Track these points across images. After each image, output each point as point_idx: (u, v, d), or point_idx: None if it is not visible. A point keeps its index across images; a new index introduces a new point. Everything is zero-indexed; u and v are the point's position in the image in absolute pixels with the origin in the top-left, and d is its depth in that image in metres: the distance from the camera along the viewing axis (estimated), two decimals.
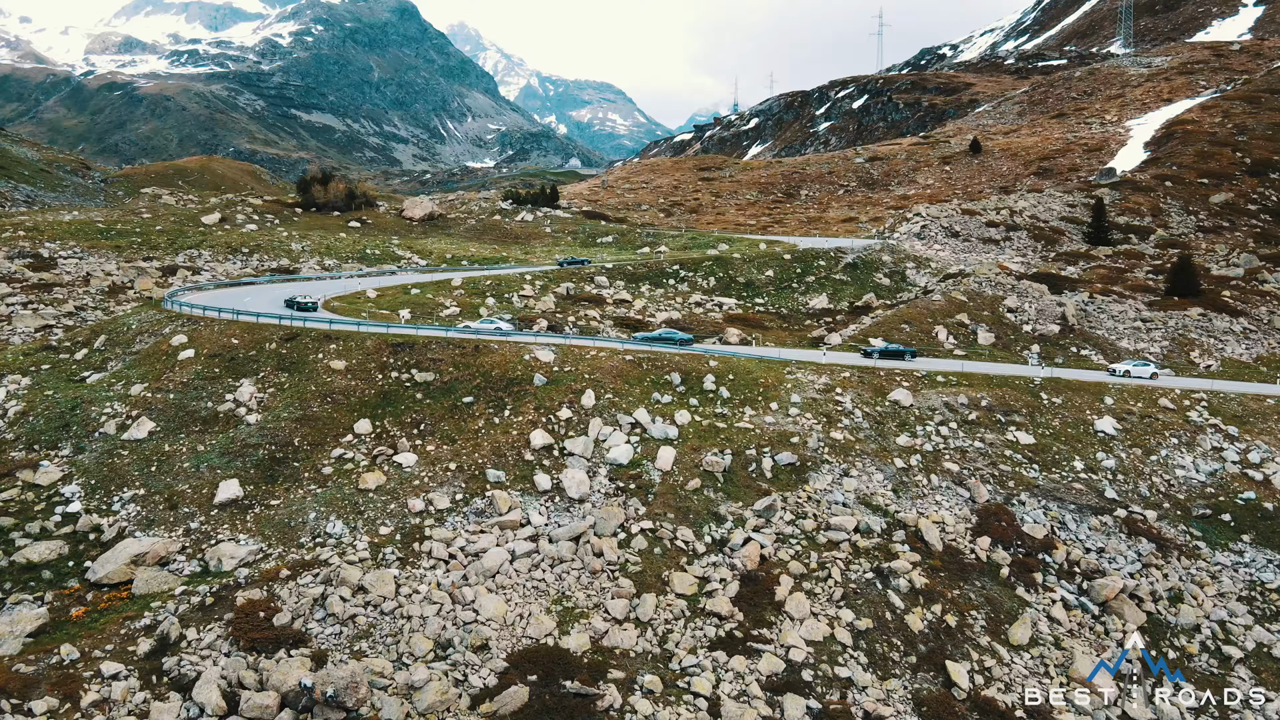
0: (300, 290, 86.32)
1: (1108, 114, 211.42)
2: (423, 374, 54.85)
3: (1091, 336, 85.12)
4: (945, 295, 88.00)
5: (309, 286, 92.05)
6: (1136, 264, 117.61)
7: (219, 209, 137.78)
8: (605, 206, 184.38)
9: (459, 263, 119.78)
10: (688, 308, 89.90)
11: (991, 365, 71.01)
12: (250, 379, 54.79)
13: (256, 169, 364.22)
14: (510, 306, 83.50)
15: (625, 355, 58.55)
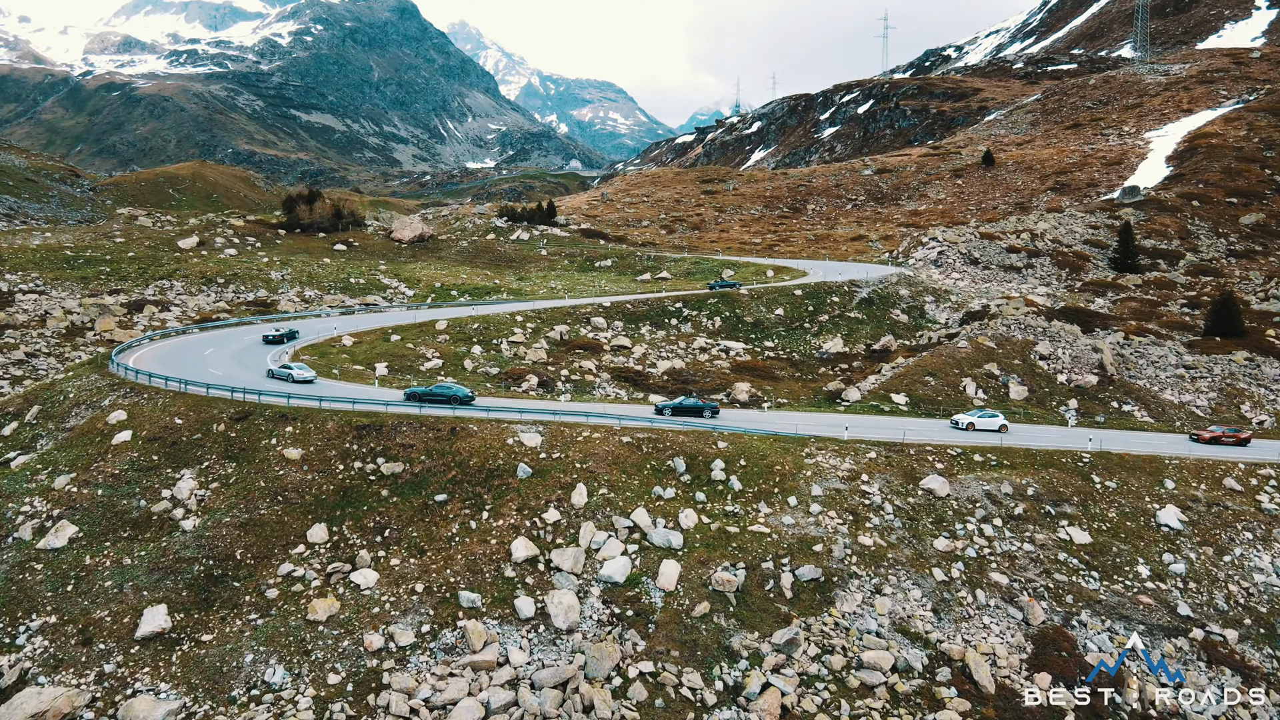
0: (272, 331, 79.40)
1: (1125, 125, 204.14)
2: (390, 464, 47.82)
3: (1132, 388, 77.97)
4: (971, 341, 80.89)
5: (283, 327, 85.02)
6: (1168, 295, 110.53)
7: (197, 231, 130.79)
8: (604, 223, 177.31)
9: (448, 293, 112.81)
10: (692, 354, 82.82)
11: (1029, 431, 63.99)
12: (192, 470, 47.76)
13: (250, 174, 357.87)
14: (498, 356, 76.48)
15: (622, 436, 51.52)
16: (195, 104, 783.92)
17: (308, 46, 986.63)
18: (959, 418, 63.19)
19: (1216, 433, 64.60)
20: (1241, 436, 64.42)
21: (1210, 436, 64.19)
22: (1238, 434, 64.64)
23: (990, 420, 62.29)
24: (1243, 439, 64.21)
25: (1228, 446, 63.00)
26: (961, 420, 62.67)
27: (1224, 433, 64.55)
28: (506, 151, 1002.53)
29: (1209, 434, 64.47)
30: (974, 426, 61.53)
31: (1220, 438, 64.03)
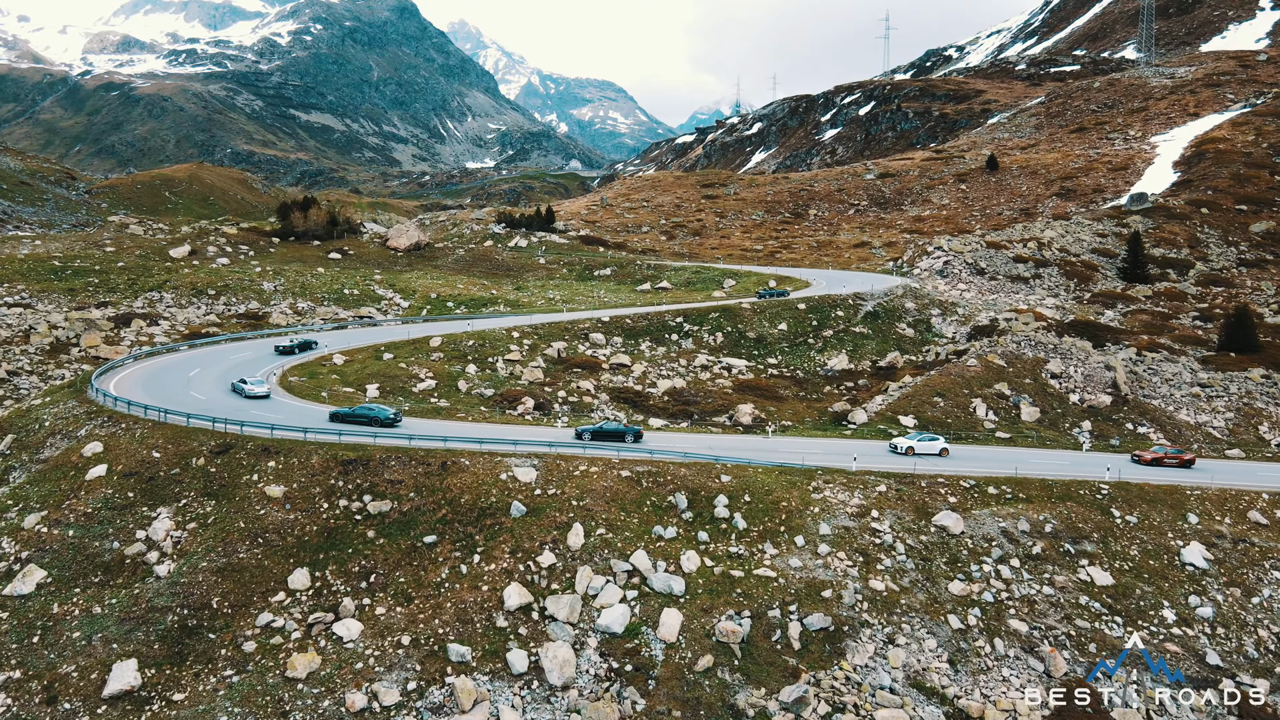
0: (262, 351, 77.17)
1: (1131, 129, 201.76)
2: (377, 502, 45.51)
3: (1147, 409, 75.66)
4: (981, 359, 78.56)
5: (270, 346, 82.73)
6: (1179, 307, 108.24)
7: (189, 240, 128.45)
8: (604, 228, 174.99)
9: (443, 304, 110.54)
10: (693, 372, 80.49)
11: (1042, 456, 61.73)
12: (169, 508, 45.44)
13: (247, 177, 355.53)
14: (494, 375, 74.14)
15: (621, 470, 49.20)
16: (194, 104, 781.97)
17: (307, 46, 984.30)
18: (898, 441, 59.52)
19: (1159, 454, 61.77)
20: (1185, 458, 61.47)
21: (1152, 458, 61.32)
22: (1180, 455, 61.81)
23: (930, 444, 59.07)
24: (1186, 460, 61.32)
25: (1170, 469, 60.15)
26: (900, 444, 59.04)
27: (1166, 453, 61.78)
28: (506, 151, 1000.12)
29: (1151, 455, 61.61)
30: (914, 451, 58.33)
31: (1163, 459, 61.16)
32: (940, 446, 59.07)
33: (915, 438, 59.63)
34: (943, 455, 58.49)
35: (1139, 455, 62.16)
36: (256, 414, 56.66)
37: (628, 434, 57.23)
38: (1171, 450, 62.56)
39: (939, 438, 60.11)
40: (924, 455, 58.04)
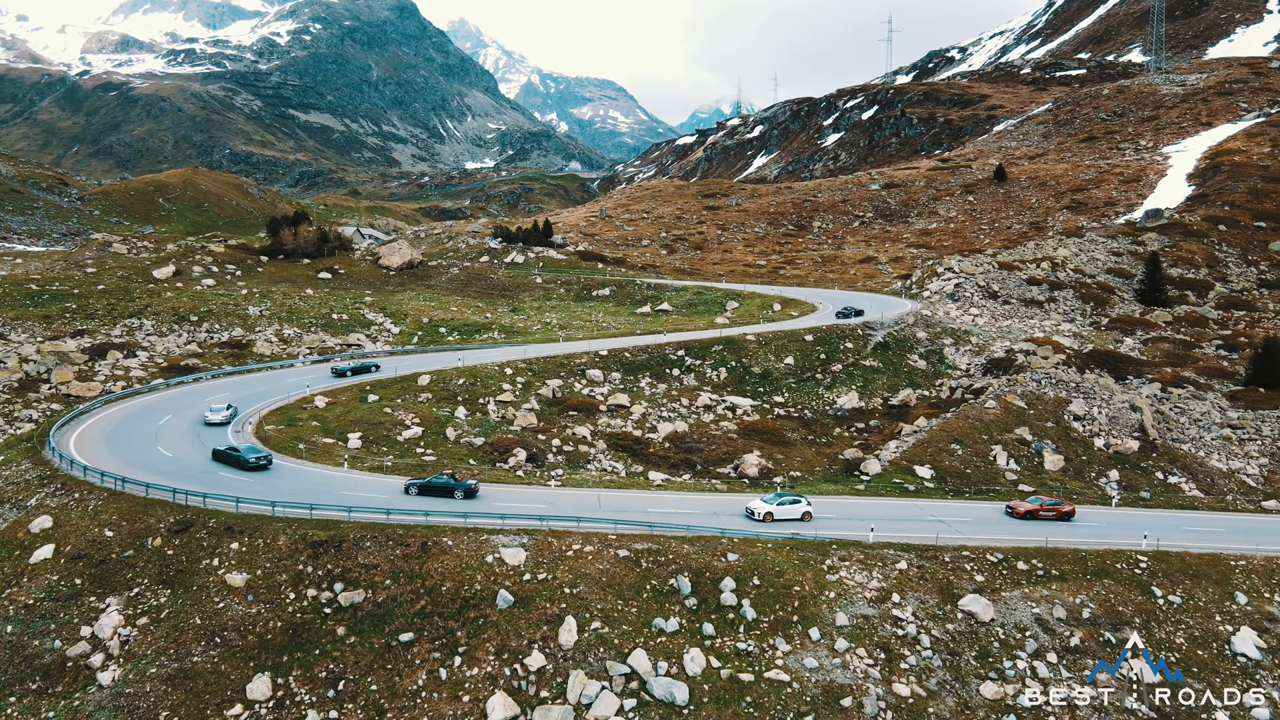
0: (242, 390, 72.93)
1: (1142, 139, 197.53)
2: (350, 592, 41.32)
3: (1177, 455, 71.45)
4: (999, 400, 74.35)
5: (252, 384, 78.62)
6: (1201, 334, 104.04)
7: (174, 260, 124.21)
8: (603, 242, 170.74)
9: (436, 330, 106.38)
10: (695, 413, 76.28)
11: None
12: (119, 599, 41.27)
13: (243, 181, 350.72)
14: (485, 420, 69.95)
15: (618, 548, 45.02)
16: (193, 104, 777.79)
17: (306, 46, 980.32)
18: (754, 505, 52.40)
19: (1033, 505, 56.05)
20: (1063, 510, 56.16)
21: (1025, 510, 55.67)
22: (1058, 507, 56.27)
23: (791, 507, 52.31)
24: (1064, 512, 56.08)
25: (1046, 522, 55.01)
26: (757, 510, 51.91)
27: (1042, 505, 56.09)
28: (506, 151, 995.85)
29: (1025, 507, 55.90)
30: (772, 517, 51.51)
31: (1038, 512, 55.63)
32: (803, 510, 52.37)
33: (775, 500, 52.63)
34: (804, 520, 51.82)
35: (1012, 508, 56.44)
36: (225, 476, 52.54)
37: (457, 489, 51.90)
38: (1048, 502, 56.63)
39: (801, 499, 53.19)
40: (785, 520, 51.40)
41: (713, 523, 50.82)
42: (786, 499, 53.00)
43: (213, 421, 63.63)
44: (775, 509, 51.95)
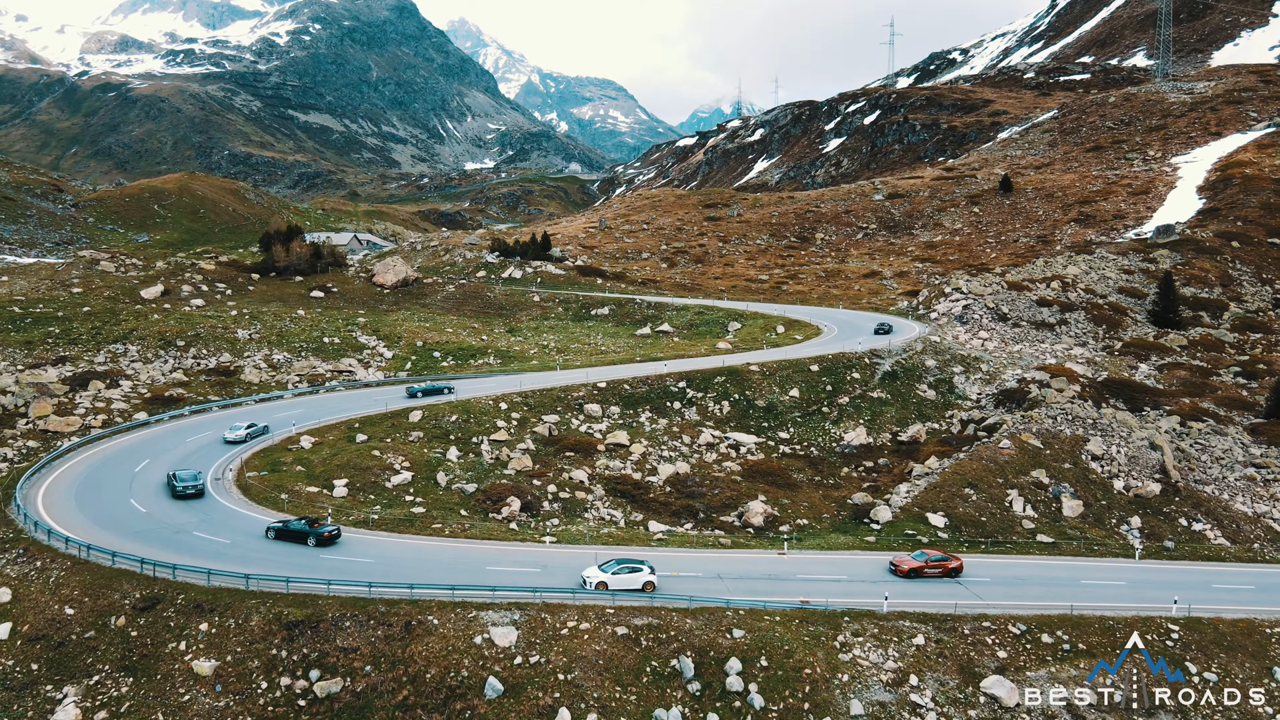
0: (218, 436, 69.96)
1: (1150, 149, 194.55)
2: (326, 680, 38.36)
3: (1200, 498, 68.48)
4: (1014, 439, 71.38)
5: (236, 417, 75.68)
6: (1218, 360, 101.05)
7: (163, 278, 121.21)
8: (602, 255, 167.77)
9: (430, 354, 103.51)
10: (697, 452, 73.30)
11: (1092, 573, 54.66)
12: (78, 688, 38.33)
13: (240, 186, 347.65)
14: (478, 462, 66.97)
15: (616, 625, 42.10)
16: (192, 105, 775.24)
17: (306, 46, 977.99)
18: (588, 575, 46.46)
19: (918, 562, 51.74)
20: (950, 566, 51.96)
21: (910, 568, 51.41)
22: (945, 563, 51.97)
23: (630, 577, 46.47)
24: (951, 568, 51.91)
25: (932, 580, 51.18)
26: (590, 579, 46.18)
27: (927, 562, 51.85)
28: (506, 152, 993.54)
29: (909, 564, 51.75)
30: (606, 587, 45.75)
31: (923, 569, 51.44)
32: (643, 580, 46.51)
33: (611, 568, 46.71)
34: (646, 590, 46.23)
35: (895, 565, 52.08)
36: (200, 536, 49.64)
37: (310, 536, 49.58)
38: (934, 557, 52.34)
39: (643, 566, 47.29)
40: (622, 590, 45.74)
41: (716, 588, 47.95)
42: (625, 567, 46.97)
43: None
44: (610, 578, 46.12)
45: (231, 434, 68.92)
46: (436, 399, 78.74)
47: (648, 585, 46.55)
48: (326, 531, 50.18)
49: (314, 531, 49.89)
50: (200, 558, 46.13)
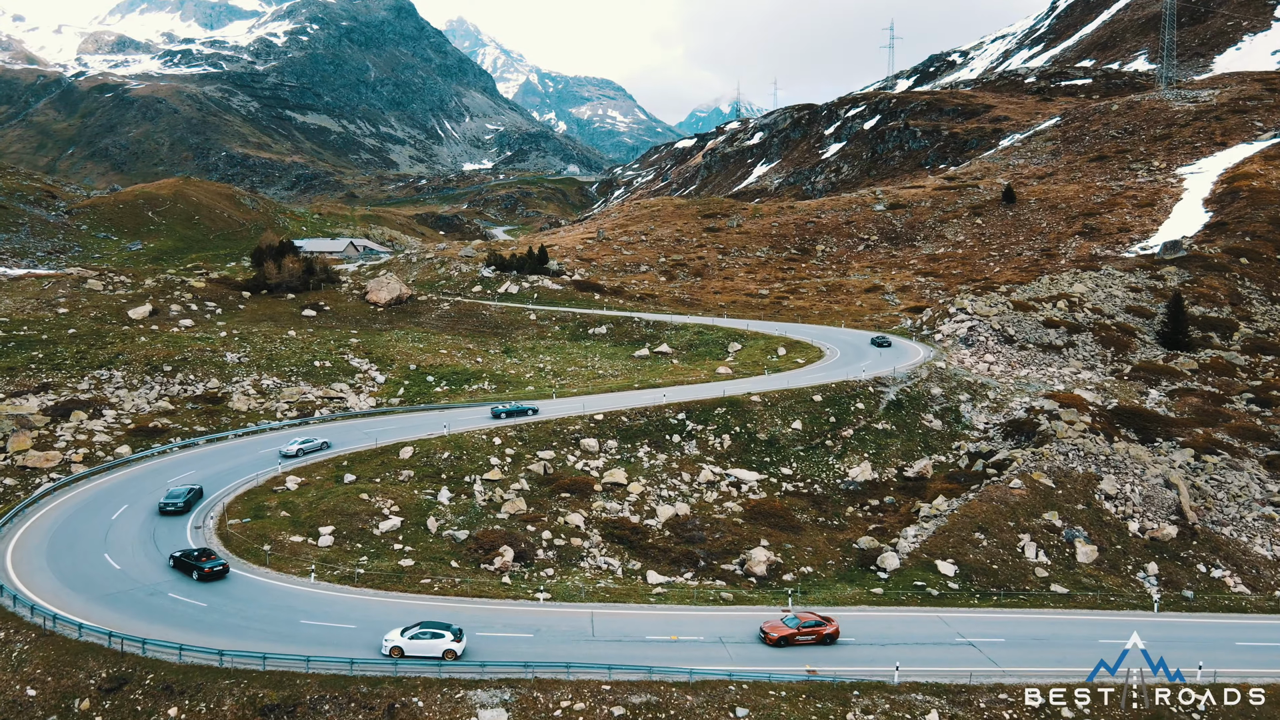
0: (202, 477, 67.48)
1: (1154, 159, 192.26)
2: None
3: (1218, 541, 66.16)
4: (1025, 478, 69.07)
5: (223, 457, 73.31)
6: (1230, 385, 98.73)
7: (151, 297, 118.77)
8: (600, 268, 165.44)
9: (423, 379, 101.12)
10: (698, 491, 70.91)
11: (1111, 627, 52.30)
12: None
13: (235, 191, 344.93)
14: (470, 505, 64.57)
15: (613, 705, 39.71)
16: (189, 106, 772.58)
17: (303, 46, 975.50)
18: (388, 638, 43.08)
19: (789, 629, 47.37)
20: (824, 632, 47.66)
21: (780, 636, 46.99)
22: (819, 629, 47.77)
23: (431, 642, 42.77)
24: (825, 635, 47.60)
25: (805, 647, 46.95)
26: (386, 644, 42.86)
27: (799, 628, 47.43)
28: (504, 152, 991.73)
29: (779, 631, 47.26)
30: (401, 653, 42.23)
31: (794, 637, 47.13)
32: (444, 648, 42.70)
33: (410, 633, 43.16)
34: (446, 659, 42.48)
35: (765, 633, 47.47)
36: (175, 598, 47.26)
37: (195, 570, 50.49)
38: (807, 623, 47.88)
39: (445, 632, 43.37)
40: (419, 658, 42.18)
41: (718, 655, 45.63)
42: (427, 631, 43.36)
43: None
44: (406, 644, 42.65)
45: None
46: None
47: (448, 653, 42.72)
48: (208, 568, 50.48)
49: (198, 565, 50.54)
50: (174, 626, 43.78)
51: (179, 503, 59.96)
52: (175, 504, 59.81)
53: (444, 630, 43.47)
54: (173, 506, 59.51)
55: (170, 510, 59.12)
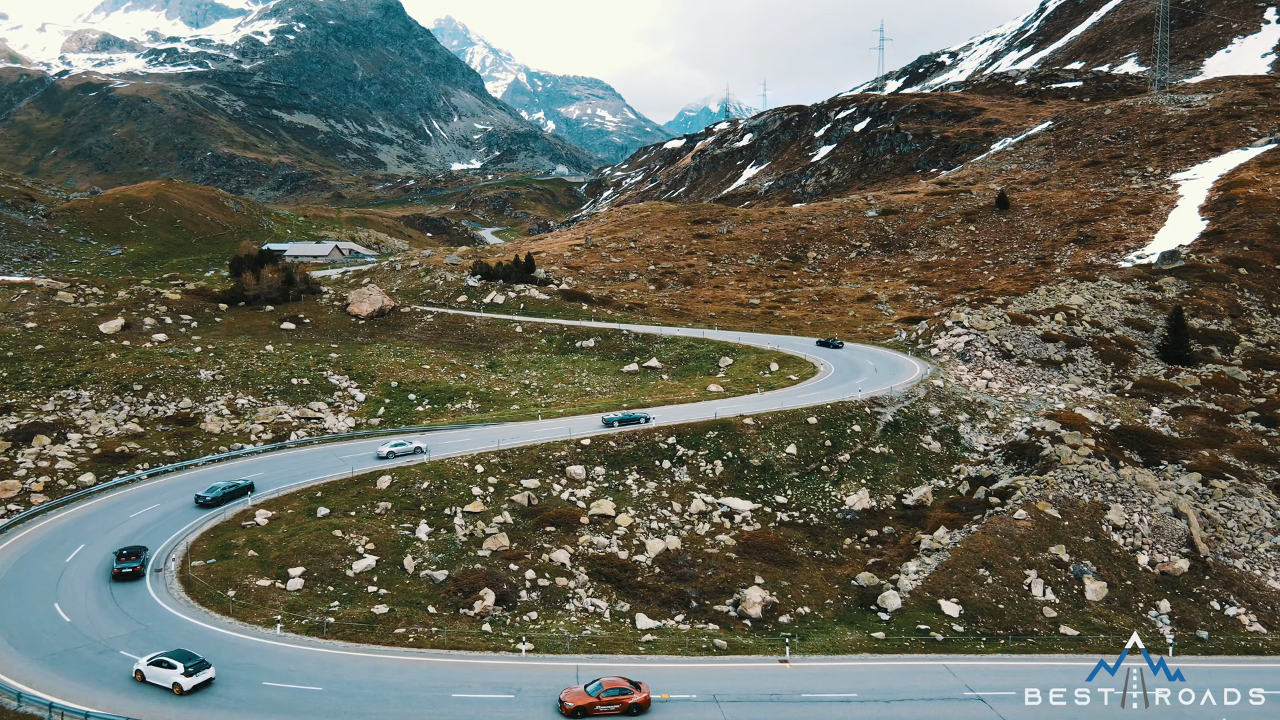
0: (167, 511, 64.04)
1: (1149, 165, 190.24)
2: None
3: (1231, 575, 63.49)
4: (1029, 508, 66.27)
5: (188, 485, 69.89)
6: (1234, 402, 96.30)
7: (124, 309, 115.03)
8: (588, 276, 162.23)
9: (405, 396, 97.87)
10: (689, 523, 67.80)
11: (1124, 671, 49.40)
12: None
13: (218, 194, 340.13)
14: (450, 540, 61.32)
15: None
16: (174, 105, 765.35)
17: (290, 45, 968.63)
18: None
19: (589, 698, 41.74)
20: (630, 700, 41.80)
21: (575, 705, 41.39)
22: (624, 697, 41.87)
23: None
24: (632, 704, 41.79)
25: (608, 718, 41.49)
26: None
27: (600, 697, 41.70)
28: (493, 152, 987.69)
29: (576, 700, 41.68)
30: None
31: (594, 707, 41.35)
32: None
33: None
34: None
35: (562, 702, 41.92)
36: (128, 656, 43.92)
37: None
38: (609, 691, 42.09)
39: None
40: None
41: (712, 717, 42.52)
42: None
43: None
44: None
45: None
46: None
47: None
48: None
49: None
50: (122, 693, 40.43)
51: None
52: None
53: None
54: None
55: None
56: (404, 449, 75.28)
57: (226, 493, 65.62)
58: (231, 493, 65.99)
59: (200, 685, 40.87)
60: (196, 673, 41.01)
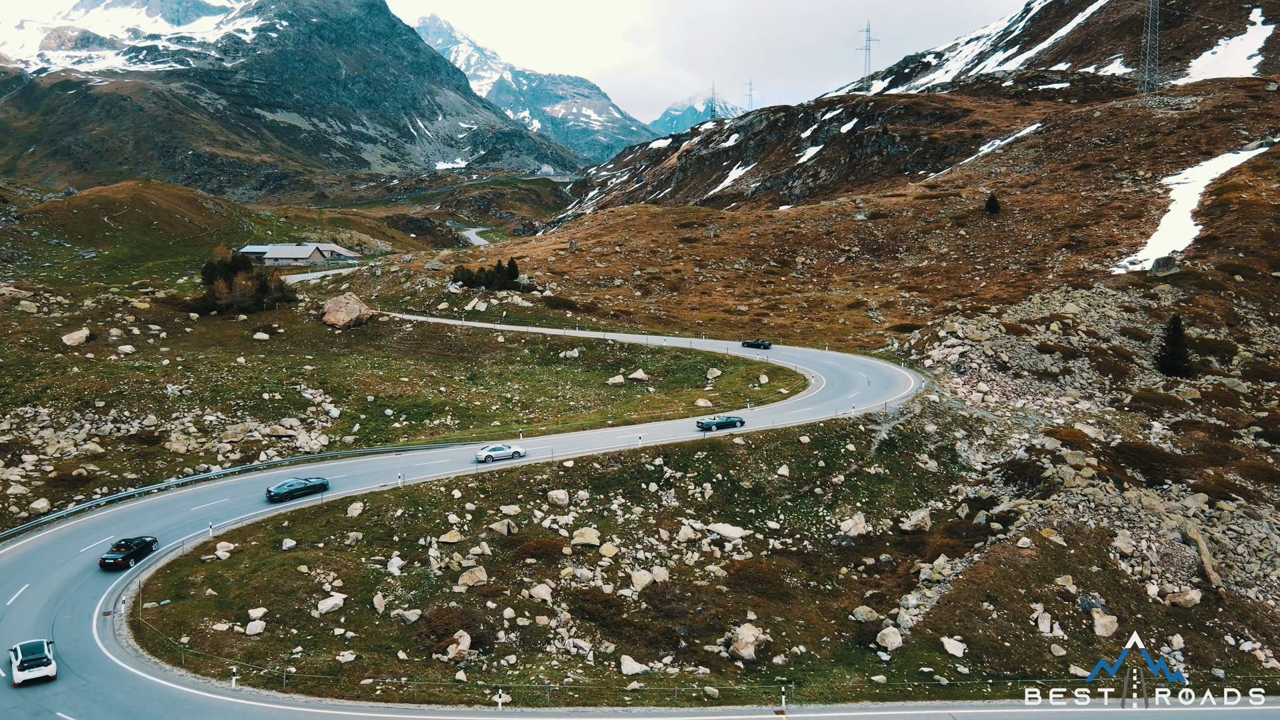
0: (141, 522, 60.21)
1: (1140, 168, 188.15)
2: None
3: (1244, 606, 60.63)
4: (1034, 535, 63.25)
5: (147, 512, 66.03)
6: (1236, 416, 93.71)
7: (90, 320, 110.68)
8: (573, 282, 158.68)
9: (381, 412, 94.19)
10: (677, 552, 64.44)
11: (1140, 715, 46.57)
12: None
13: (197, 195, 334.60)
14: (424, 575, 57.71)
15: None
16: (154, 104, 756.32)
17: (273, 43, 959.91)
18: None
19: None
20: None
21: None
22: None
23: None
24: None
25: None
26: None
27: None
28: (478, 151, 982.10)
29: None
30: None
31: None
32: None
33: None
34: None
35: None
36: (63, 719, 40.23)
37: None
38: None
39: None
40: None
41: None
42: None
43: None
44: None
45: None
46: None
47: None
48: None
49: None
50: None
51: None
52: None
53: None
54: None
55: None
56: (503, 453, 74.93)
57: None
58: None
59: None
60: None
